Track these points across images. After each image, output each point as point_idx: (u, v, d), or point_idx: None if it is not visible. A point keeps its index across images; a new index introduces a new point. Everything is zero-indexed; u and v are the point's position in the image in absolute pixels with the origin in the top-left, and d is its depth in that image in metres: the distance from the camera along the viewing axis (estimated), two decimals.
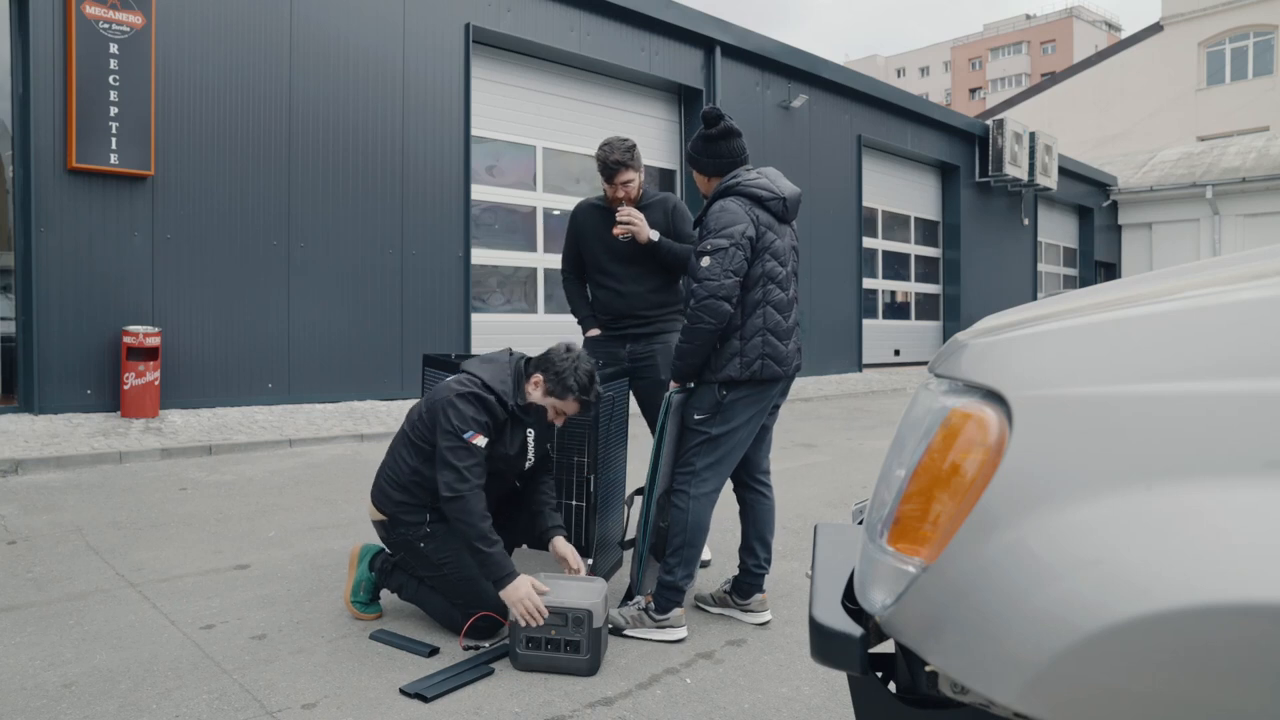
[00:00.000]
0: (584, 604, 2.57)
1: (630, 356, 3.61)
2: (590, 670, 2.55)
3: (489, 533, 2.66)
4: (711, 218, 2.77)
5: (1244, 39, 26.45)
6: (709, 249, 2.71)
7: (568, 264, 3.77)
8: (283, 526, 4.11)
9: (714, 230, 2.73)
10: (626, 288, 3.57)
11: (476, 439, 2.71)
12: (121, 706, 2.26)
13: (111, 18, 6.72)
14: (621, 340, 3.61)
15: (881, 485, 1.19)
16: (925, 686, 1.08)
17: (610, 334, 3.64)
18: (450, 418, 2.72)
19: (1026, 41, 64.29)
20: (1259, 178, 20.00)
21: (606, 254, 3.58)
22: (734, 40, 11.67)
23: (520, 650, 2.57)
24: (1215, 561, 0.82)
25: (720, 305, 2.67)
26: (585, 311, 3.75)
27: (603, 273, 3.61)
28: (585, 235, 3.65)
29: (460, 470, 2.67)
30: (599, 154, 3.48)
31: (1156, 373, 0.93)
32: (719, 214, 2.75)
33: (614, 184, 3.47)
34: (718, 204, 2.80)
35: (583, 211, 3.71)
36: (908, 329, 16.30)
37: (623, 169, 3.47)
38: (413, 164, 8.72)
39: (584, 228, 3.67)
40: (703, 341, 2.71)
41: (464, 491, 2.65)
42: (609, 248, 3.56)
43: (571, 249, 3.74)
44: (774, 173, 2.92)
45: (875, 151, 14.91)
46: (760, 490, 3.07)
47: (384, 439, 6.32)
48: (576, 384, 2.84)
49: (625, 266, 3.56)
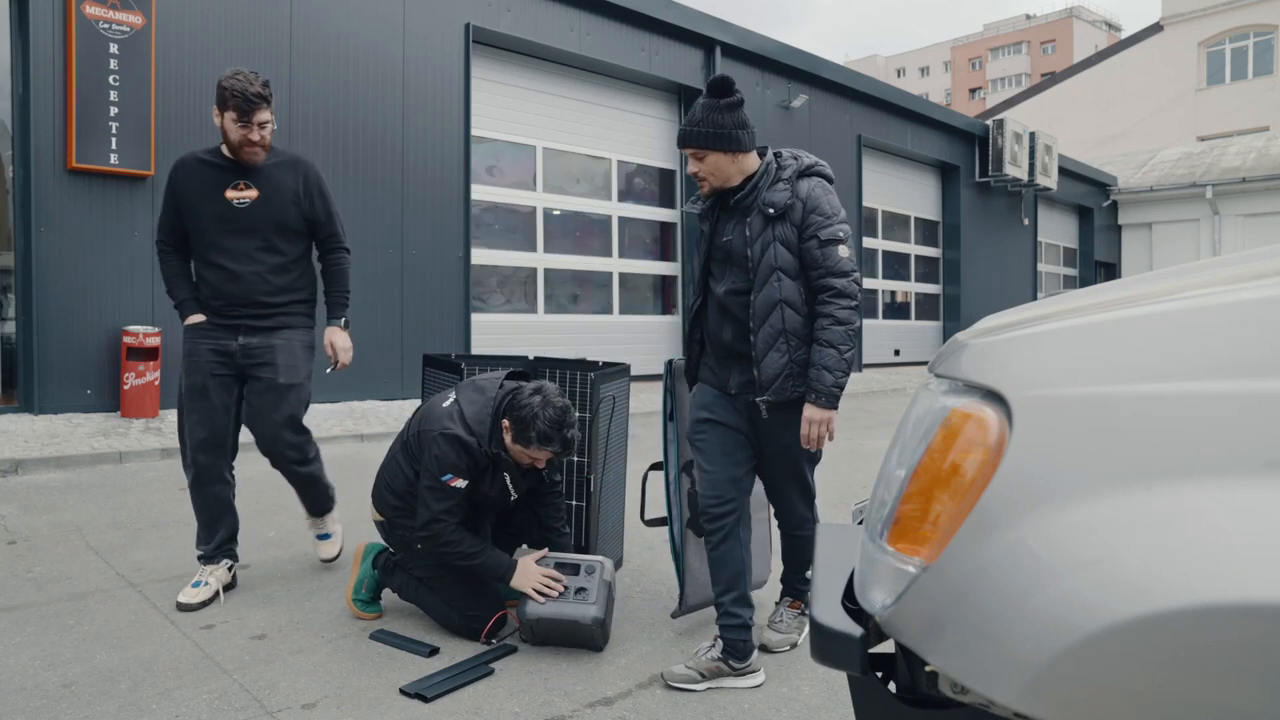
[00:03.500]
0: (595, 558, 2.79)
1: (243, 352, 3.06)
2: (596, 623, 2.61)
3: (470, 549, 2.71)
4: (822, 199, 2.39)
5: (1244, 39, 26.44)
6: (843, 235, 2.37)
7: (165, 234, 3.10)
8: (283, 526, 4.11)
9: (833, 213, 2.38)
10: (243, 267, 3.01)
11: (455, 482, 2.70)
12: (121, 706, 2.26)
13: (111, 18, 6.72)
14: (233, 330, 3.06)
15: (881, 485, 1.19)
16: (925, 686, 1.08)
17: (219, 322, 3.06)
18: (432, 456, 2.72)
19: (1026, 41, 64.28)
20: (1259, 178, 20.00)
21: (218, 224, 2.99)
22: (734, 40, 11.66)
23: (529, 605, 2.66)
24: (1215, 561, 0.82)
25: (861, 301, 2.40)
26: (185, 293, 3.09)
27: (213, 247, 3.00)
28: (191, 199, 3.01)
29: (435, 511, 2.69)
30: (232, 84, 2.85)
31: (1156, 373, 0.93)
32: (827, 195, 2.41)
33: (250, 124, 2.90)
34: (814, 183, 2.42)
35: (187, 168, 3.04)
36: (908, 329, 16.29)
37: (263, 105, 2.90)
38: (413, 164, 8.72)
39: (189, 189, 3.02)
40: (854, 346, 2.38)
41: (436, 530, 2.69)
42: (221, 215, 2.98)
43: (171, 216, 3.07)
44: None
45: (875, 151, 14.91)
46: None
47: (384, 439, 6.31)
48: (537, 433, 2.63)
49: (241, 240, 3.00)
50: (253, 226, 3.01)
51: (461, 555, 2.70)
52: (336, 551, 3.47)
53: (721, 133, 2.38)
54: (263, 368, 3.07)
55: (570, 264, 10.72)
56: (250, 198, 3.00)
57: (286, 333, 3.10)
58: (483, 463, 2.75)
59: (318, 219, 3.16)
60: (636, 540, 3.95)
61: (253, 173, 3.01)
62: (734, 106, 2.40)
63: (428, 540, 2.71)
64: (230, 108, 2.87)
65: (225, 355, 3.04)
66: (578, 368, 3.42)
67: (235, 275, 3.01)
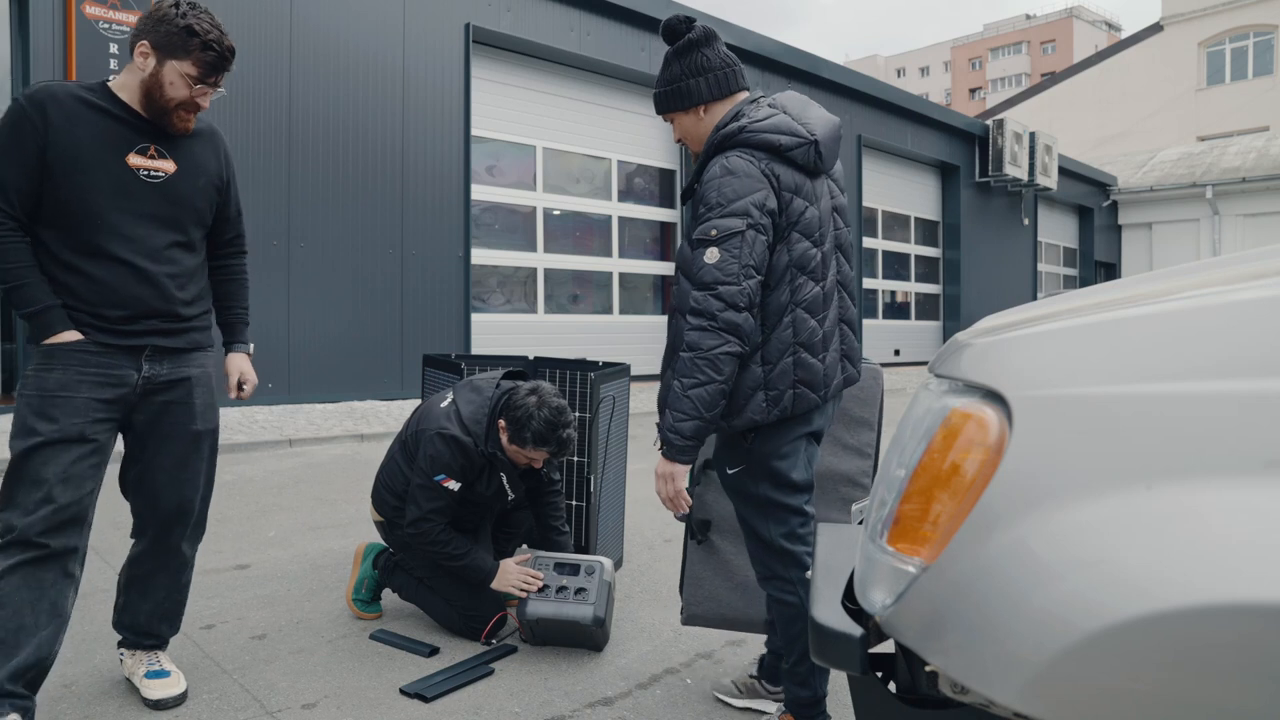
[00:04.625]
0: (595, 558, 2.79)
1: (148, 384, 2.16)
2: (596, 623, 2.61)
3: (456, 550, 2.72)
4: (710, 186, 1.85)
5: (1244, 39, 26.44)
6: (714, 234, 1.81)
7: (10, 200, 2.00)
8: (283, 526, 4.11)
9: (718, 205, 1.82)
10: (155, 266, 2.12)
11: (448, 482, 2.71)
12: (121, 706, 2.26)
13: (111, 18, 6.72)
14: (133, 355, 2.12)
15: (881, 485, 1.19)
16: (925, 686, 1.08)
17: (110, 344, 2.08)
18: (427, 456, 2.72)
19: (1026, 41, 64.29)
20: (1259, 178, 20.00)
21: (116, 199, 2.06)
22: (734, 40, 11.66)
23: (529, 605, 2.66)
24: (1215, 561, 0.82)
25: (743, 318, 1.81)
26: (48, 295, 2.03)
27: (106, 231, 2.05)
28: (75, 152, 2.01)
29: (424, 510, 2.70)
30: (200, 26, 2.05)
31: (1156, 373, 0.93)
32: (723, 180, 1.83)
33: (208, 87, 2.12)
34: (717, 162, 1.87)
35: (61, 106, 2.01)
36: (908, 329, 16.29)
37: (231, 61, 2.15)
38: (413, 164, 8.72)
39: (71, 139, 2.01)
40: (727, 377, 1.82)
41: (425, 529, 2.71)
42: (122, 188, 2.07)
43: (22, 174, 1.99)
44: (795, 100, 2.01)
45: (875, 151, 14.91)
46: None
47: (384, 439, 6.32)
48: (532, 434, 2.62)
49: (150, 228, 2.12)
50: (167, 212, 2.15)
51: (448, 556, 2.72)
52: (181, 689, 2.31)
53: (672, 88, 1.98)
54: (173, 409, 2.21)
55: (570, 264, 10.72)
56: (165, 171, 2.14)
57: (200, 357, 2.27)
58: (479, 463, 2.75)
59: (229, 212, 2.38)
60: (636, 540, 3.95)
61: (166, 138, 2.15)
62: (683, 52, 1.97)
63: (415, 538, 2.73)
64: (192, 58, 2.05)
65: (117, 393, 2.10)
66: (578, 368, 3.42)
67: (144, 275, 2.10)
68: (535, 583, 2.70)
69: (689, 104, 1.98)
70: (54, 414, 2.02)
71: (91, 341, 2.06)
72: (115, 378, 2.10)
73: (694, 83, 1.96)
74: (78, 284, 2.06)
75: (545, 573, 2.74)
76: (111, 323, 2.08)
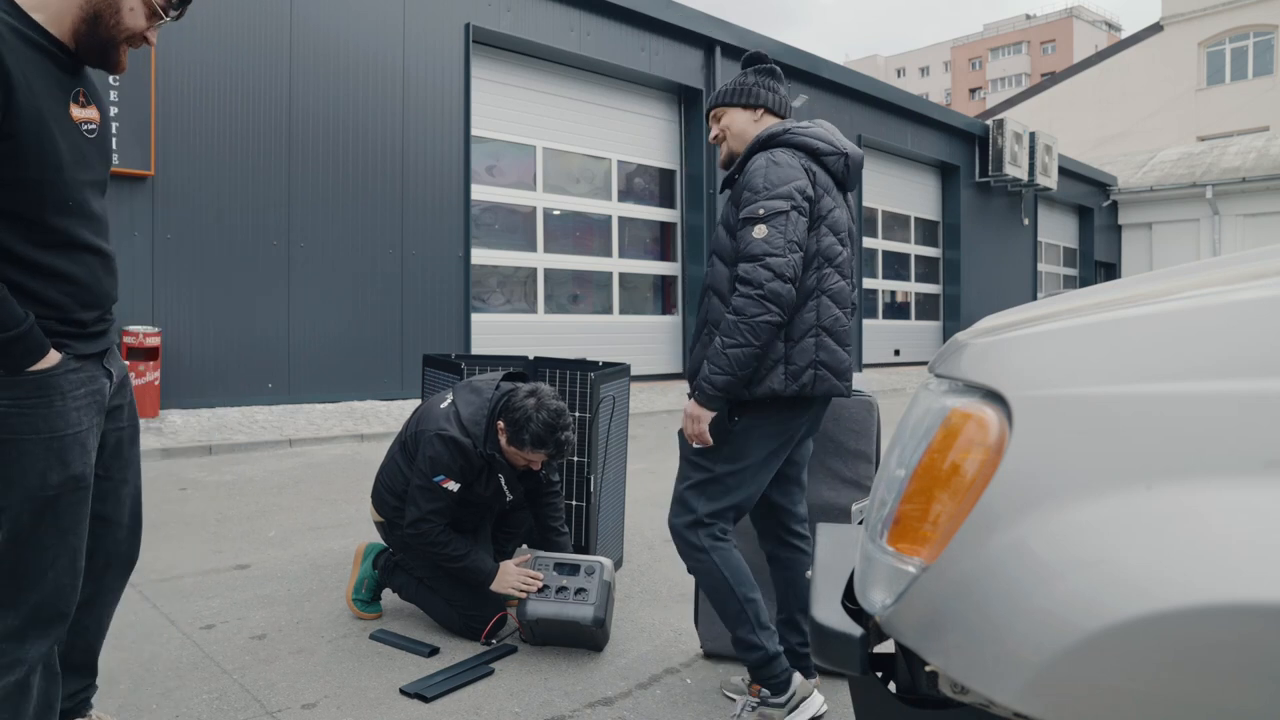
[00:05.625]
0: (595, 558, 2.78)
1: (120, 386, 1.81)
2: (596, 623, 2.61)
3: (456, 550, 2.72)
4: (757, 173, 2.09)
5: (1244, 39, 26.45)
6: (761, 213, 2.04)
7: None
8: (283, 526, 4.11)
9: (765, 189, 2.06)
10: (111, 248, 1.75)
11: (447, 483, 2.71)
12: (121, 706, 2.26)
13: None
14: (99, 360, 1.73)
15: (881, 485, 1.19)
16: (925, 686, 1.08)
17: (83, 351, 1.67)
18: (426, 456, 2.73)
19: (1026, 41, 64.30)
20: (1259, 178, 20.01)
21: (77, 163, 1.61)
22: (734, 40, 11.66)
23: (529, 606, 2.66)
24: (1215, 561, 0.82)
25: (786, 289, 2.01)
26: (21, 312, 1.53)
27: (78, 212, 1.63)
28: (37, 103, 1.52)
29: (424, 511, 2.71)
30: None
31: (1156, 373, 0.93)
32: (769, 168, 2.09)
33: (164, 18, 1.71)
34: (762, 156, 2.14)
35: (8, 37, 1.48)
36: (907, 329, 16.30)
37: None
38: (413, 164, 8.72)
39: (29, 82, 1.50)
40: (765, 343, 2.02)
41: (424, 529, 2.71)
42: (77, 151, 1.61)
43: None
44: (830, 126, 2.31)
45: (875, 151, 14.92)
46: (797, 546, 2.34)
47: (384, 439, 6.32)
48: (531, 436, 2.63)
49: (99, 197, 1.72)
50: (102, 174, 1.73)
51: (447, 557, 2.72)
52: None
53: (745, 88, 2.28)
54: (120, 412, 1.83)
55: (570, 264, 10.72)
56: (95, 122, 1.69)
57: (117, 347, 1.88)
58: (478, 464, 2.75)
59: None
60: (636, 540, 3.95)
61: (84, 77, 1.69)
62: (762, 71, 2.31)
63: (414, 539, 2.73)
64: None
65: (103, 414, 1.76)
66: (578, 368, 3.42)
67: (109, 262, 1.73)
68: (535, 583, 2.70)
69: (756, 104, 2.27)
70: (59, 455, 1.60)
71: (73, 356, 1.63)
72: (100, 395, 1.71)
73: (765, 93, 2.28)
74: (43, 287, 1.58)
75: (545, 573, 2.74)
76: (86, 327, 1.67)
